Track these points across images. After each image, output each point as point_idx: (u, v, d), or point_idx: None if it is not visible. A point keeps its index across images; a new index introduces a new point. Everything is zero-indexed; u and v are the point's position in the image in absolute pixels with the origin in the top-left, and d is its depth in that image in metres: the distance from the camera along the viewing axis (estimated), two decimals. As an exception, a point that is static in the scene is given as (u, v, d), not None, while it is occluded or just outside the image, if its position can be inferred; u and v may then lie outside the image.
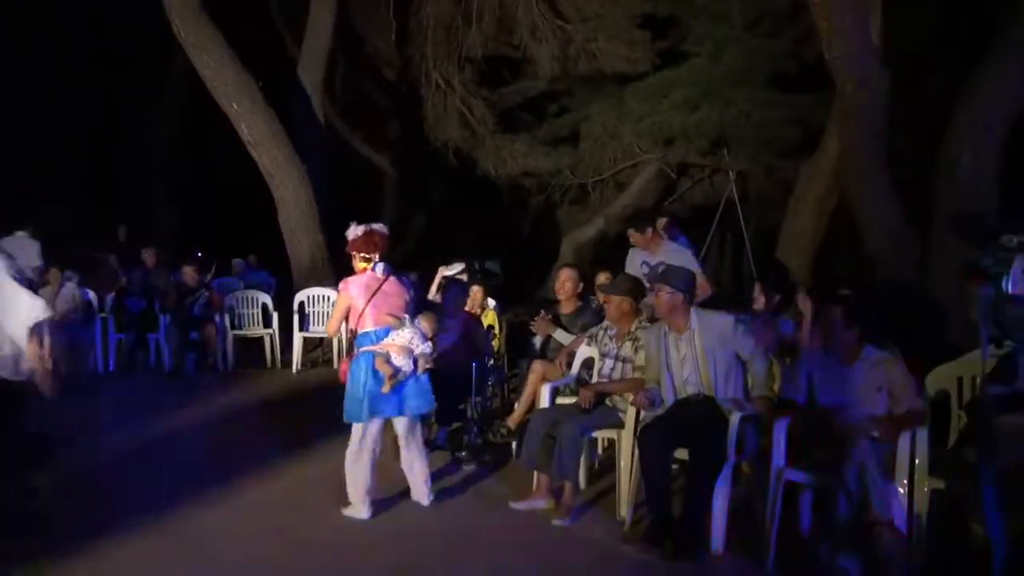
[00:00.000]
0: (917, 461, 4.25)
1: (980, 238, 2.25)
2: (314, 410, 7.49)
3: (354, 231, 5.20)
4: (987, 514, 3.81)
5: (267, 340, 10.42)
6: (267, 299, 10.71)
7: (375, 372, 4.89)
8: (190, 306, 10.05)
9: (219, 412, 8.02)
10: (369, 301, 5.10)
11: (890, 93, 7.13)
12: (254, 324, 10.62)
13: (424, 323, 5.20)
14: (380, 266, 5.18)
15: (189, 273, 10.23)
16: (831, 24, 6.58)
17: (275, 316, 10.53)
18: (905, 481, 4.22)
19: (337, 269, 11.03)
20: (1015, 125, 6.89)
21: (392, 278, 5.21)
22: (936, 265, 7.12)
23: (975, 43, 7.60)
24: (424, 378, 5.06)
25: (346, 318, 5.22)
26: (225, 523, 4.88)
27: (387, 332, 5.04)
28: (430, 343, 5.16)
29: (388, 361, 4.92)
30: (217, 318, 10.07)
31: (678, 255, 6.23)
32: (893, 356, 4.60)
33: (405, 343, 5.01)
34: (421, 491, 5.14)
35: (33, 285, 4.57)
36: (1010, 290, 2.00)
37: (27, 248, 10.31)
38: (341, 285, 5.21)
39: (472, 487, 5.63)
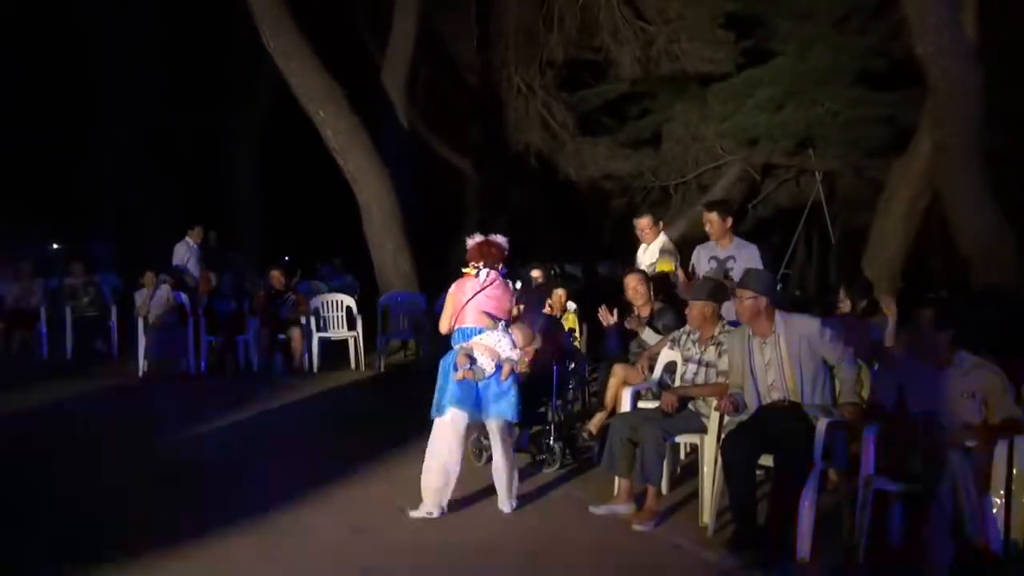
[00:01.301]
0: (1015, 471, 4.10)
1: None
2: (397, 411, 7.60)
3: (471, 241, 5.45)
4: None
5: (351, 342, 10.61)
6: (351, 302, 10.92)
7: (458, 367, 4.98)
8: (277, 309, 10.31)
9: (305, 413, 8.23)
10: (469, 300, 5.26)
11: (986, 90, 6.88)
12: (339, 326, 10.83)
13: (516, 332, 5.24)
14: (484, 271, 5.29)
15: (276, 277, 10.50)
16: (922, 19, 6.39)
17: (359, 319, 10.72)
18: (1002, 492, 4.07)
19: (420, 272, 11.20)
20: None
21: (499, 281, 5.36)
22: (1035, 267, 6.86)
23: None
24: (507, 385, 5.08)
25: None
26: (308, 523, 4.97)
27: (480, 331, 5.15)
28: (519, 351, 5.19)
29: (468, 355, 4.98)
30: (303, 321, 10.30)
31: (746, 251, 6.16)
32: (987, 362, 4.44)
33: (492, 344, 5.06)
34: (504, 498, 5.16)
35: None
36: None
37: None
38: (452, 287, 5.40)
39: (553, 491, 5.63)
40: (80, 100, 14.93)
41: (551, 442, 6.10)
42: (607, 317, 6.66)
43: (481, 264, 5.35)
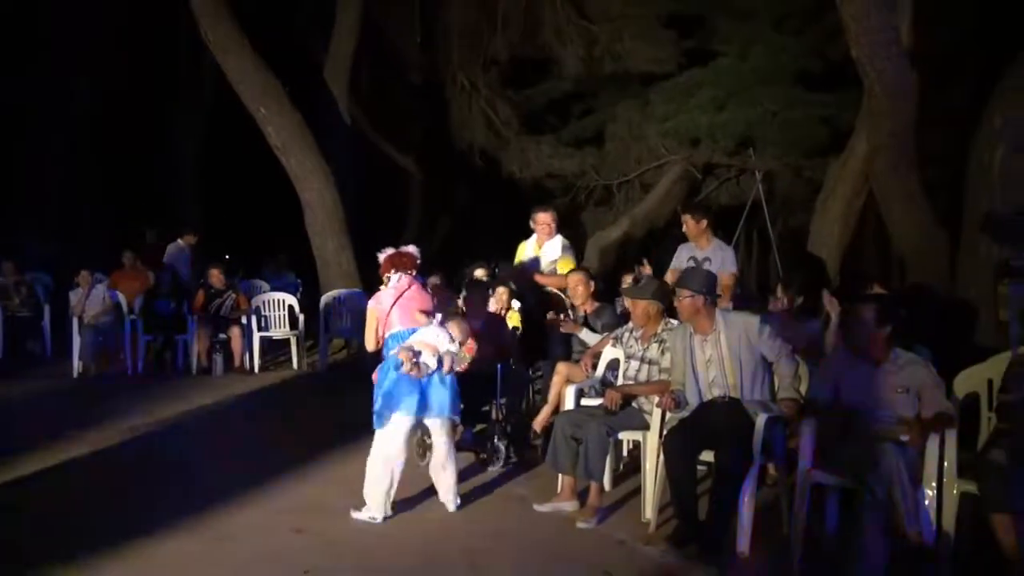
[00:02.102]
0: (946, 464, 4.21)
1: (1012, 238, 2.22)
2: (339, 411, 7.54)
3: (381, 256, 5.59)
4: (1017, 516, 3.77)
5: (293, 341, 10.48)
6: (293, 301, 10.79)
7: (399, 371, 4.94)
8: (217, 308, 10.14)
9: (245, 413, 8.11)
10: (392, 306, 5.39)
11: (919, 92, 7.05)
12: (280, 325, 10.70)
13: (452, 327, 5.22)
14: (396, 276, 5.37)
15: (216, 275, 10.32)
16: (858, 22, 6.51)
17: (301, 317, 10.60)
18: (934, 484, 4.17)
19: (363, 271, 11.12)
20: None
21: (416, 285, 5.49)
22: (966, 265, 7.04)
23: (1008, 43, 7.51)
24: (450, 379, 5.07)
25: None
26: (249, 524, 4.90)
27: (414, 331, 5.18)
28: (458, 345, 5.17)
29: (410, 350, 4.96)
30: (244, 320, 10.15)
31: (722, 253, 6.31)
32: (921, 358, 4.55)
33: (431, 340, 5.05)
34: (448, 496, 5.14)
35: None
36: (1040, 290, 1.96)
37: None
38: (370, 303, 5.54)
39: (497, 489, 5.62)
40: (15, 95, 14.49)
41: (495, 441, 6.09)
42: (559, 322, 6.67)
43: (392, 271, 5.49)
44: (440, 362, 5.01)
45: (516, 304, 7.84)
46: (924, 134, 7.86)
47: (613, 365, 5.81)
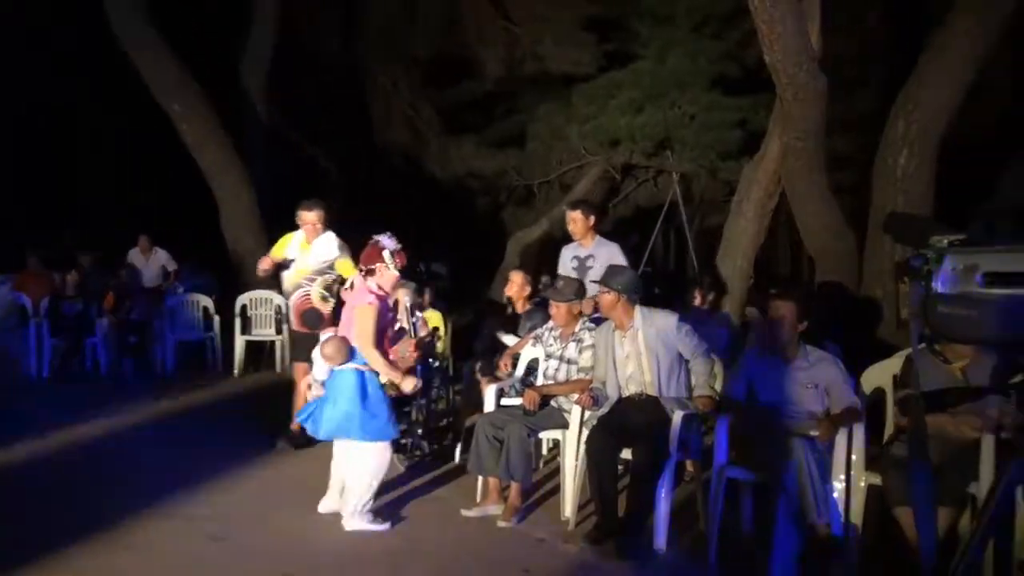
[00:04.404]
0: (854, 457, 4.35)
1: (913, 239, 2.30)
2: (254, 415, 7.39)
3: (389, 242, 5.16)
4: (916, 507, 3.91)
5: (209, 344, 10.24)
6: (208, 302, 10.53)
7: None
8: (128, 310, 9.85)
9: (157, 418, 7.85)
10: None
11: (829, 98, 7.26)
12: (195, 327, 10.44)
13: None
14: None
15: (126, 276, 10.03)
16: (770, 28, 6.67)
17: (216, 319, 10.37)
18: (843, 477, 4.31)
19: (279, 272, 10.90)
20: (949, 129, 7.08)
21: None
22: (872, 265, 7.28)
23: (911, 50, 7.79)
24: None
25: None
26: (164, 533, 4.78)
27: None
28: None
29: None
30: (157, 322, 9.87)
31: (607, 249, 6.24)
32: (830, 355, 4.70)
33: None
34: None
35: None
36: (939, 289, 2.04)
37: None
38: (369, 299, 5.06)
39: (419, 492, 5.59)
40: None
41: (417, 440, 6.07)
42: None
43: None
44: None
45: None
46: (834, 138, 8.11)
47: (533, 365, 5.84)
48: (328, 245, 6.47)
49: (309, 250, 6.47)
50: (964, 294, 1.99)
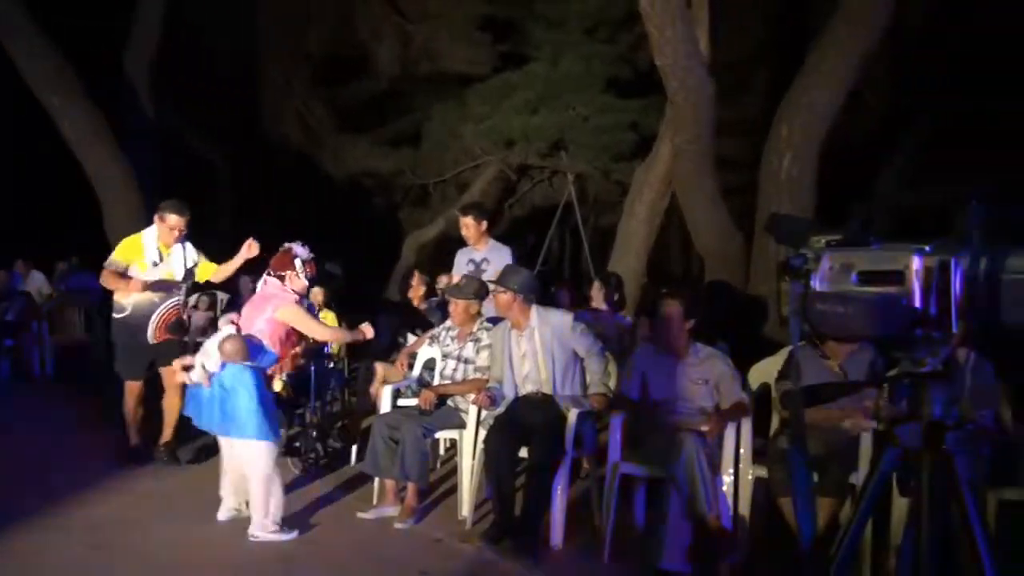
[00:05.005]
0: (742, 451, 4.49)
1: (794, 238, 2.39)
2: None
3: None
4: (796, 498, 4.08)
5: (91, 347, 9.84)
6: (90, 304, 10.12)
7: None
8: (4, 311, 9.38)
9: (34, 424, 7.49)
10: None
11: (717, 101, 7.48)
12: (76, 330, 10.01)
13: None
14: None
15: (2, 277, 9.56)
16: (660, 32, 6.83)
17: (99, 321, 9.95)
18: (731, 470, 4.44)
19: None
20: (830, 133, 7.37)
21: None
22: (758, 265, 7.53)
23: (794, 56, 8.10)
24: None
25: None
26: (44, 542, 4.56)
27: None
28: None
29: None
30: (35, 324, 9.43)
31: (500, 253, 6.31)
32: (719, 351, 4.84)
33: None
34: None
35: None
36: (817, 287, 2.12)
37: None
38: (293, 301, 5.12)
39: (310, 495, 5.48)
40: None
41: (311, 442, 5.97)
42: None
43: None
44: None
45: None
46: (722, 141, 8.36)
47: (429, 364, 5.82)
48: (188, 248, 6.14)
49: (170, 254, 6.06)
50: (840, 292, 2.07)
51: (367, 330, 5.26)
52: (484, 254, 6.31)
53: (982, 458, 4.06)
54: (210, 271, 6.21)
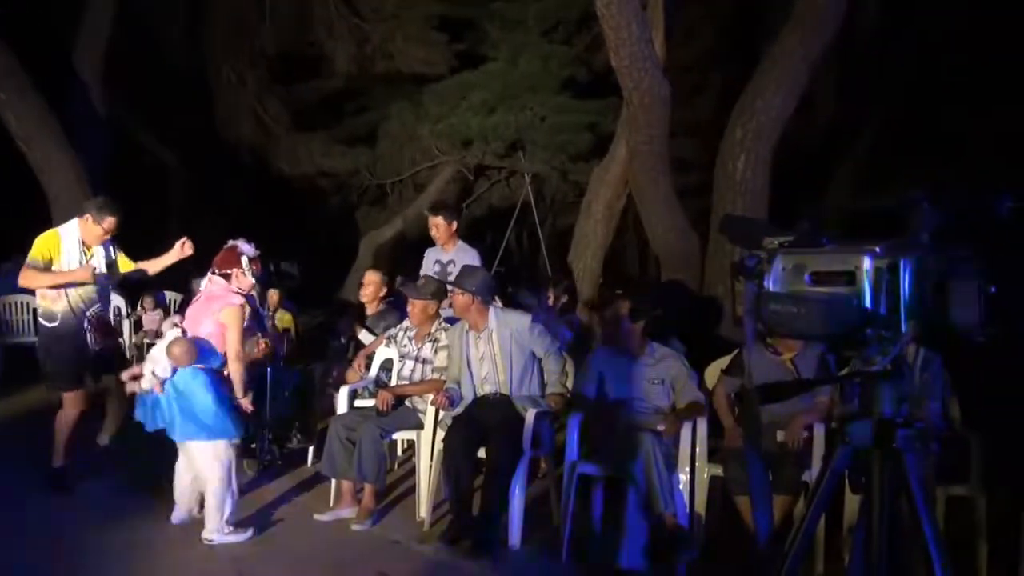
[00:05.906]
0: (698, 450, 4.53)
1: (747, 239, 2.42)
2: (88, 425, 6.96)
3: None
4: (753, 494, 4.13)
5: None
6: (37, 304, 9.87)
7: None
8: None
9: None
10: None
11: (673, 103, 7.54)
12: (25, 332, 9.78)
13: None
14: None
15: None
16: (616, 34, 6.87)
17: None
18: (688, 469, 4.49)
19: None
20: (783, 136, 7.48)
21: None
22: (713, 265, 7.61)
23: (748, 60, 8.21)
24: None
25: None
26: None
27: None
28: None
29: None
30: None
31: (467, 254, 6.28)
32: (675, 351, 4.89)
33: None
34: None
35: None
36: (770, 288, 2.15)
37: None
38: (236, 300, 4.94)
39: (266, 496, 5.44)
40: None
41: (266, 444, 5.90)
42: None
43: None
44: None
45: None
46: (678, 142, 8.45)
47: (387, 365, 5.79)
48: (109, 247, 5.89)
49: (92, 256, 5.78)
50: (792, 292, 2.10)
51: (246, 403, 4.91)
52: (452, 255, 6.24)
53: (931, 456, 4.15)
54: (129, 267, 5.99)
